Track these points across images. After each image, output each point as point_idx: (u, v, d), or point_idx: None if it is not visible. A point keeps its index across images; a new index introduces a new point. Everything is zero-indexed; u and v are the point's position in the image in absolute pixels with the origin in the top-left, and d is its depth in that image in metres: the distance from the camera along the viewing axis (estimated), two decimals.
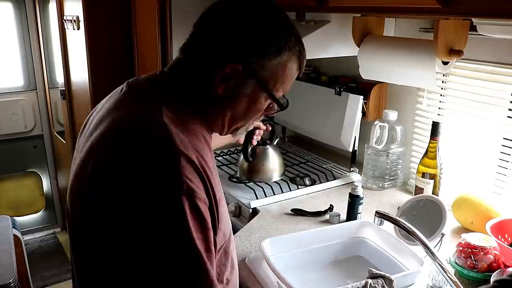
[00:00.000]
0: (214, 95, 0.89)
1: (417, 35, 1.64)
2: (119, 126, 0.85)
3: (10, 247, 1.66)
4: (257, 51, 0.86)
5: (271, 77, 0.89)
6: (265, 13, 0.88)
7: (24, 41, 3.40)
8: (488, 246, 1.21)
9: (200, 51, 0.90)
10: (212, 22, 0.90)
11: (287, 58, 0.88)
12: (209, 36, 0.89)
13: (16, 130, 3.50)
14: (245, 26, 0.86)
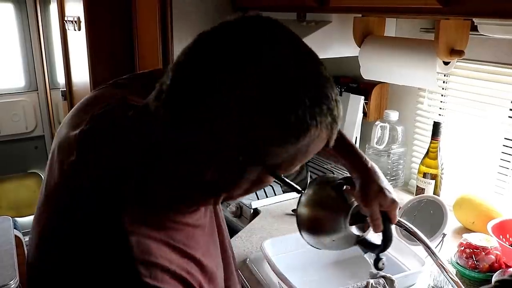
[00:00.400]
0: (201, 182, 0.64)
1: (418, 35, 1.64)
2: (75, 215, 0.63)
3: (12, 247, 1.66)
4: (269, 142, 0.58)
5: (286, 162, 0.62)
6: (284, 62, 0.58)
7: (25, 42, 3.41)
8: (489, 246, 1.21)
9: (186, 124, 0.60)
10: (201, 84, 0.58)
11: (311, 138, 0.59)
12: (198, 110, 0.58)
13: (17, 131, 3.51)
14: (252, 99, 0.56)
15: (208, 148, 0.59)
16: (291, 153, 0.60)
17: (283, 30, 0.61)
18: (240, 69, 0.56)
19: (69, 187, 0.65)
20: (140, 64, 2.30)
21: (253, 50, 0.57)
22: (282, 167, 0.63)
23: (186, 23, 1.96)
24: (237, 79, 0.56)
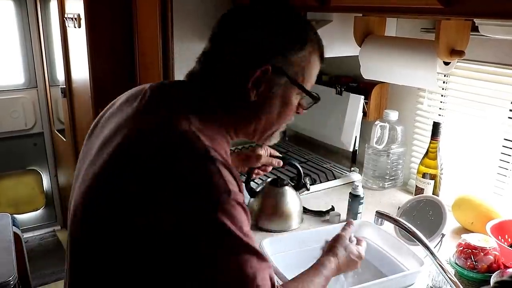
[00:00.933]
0: (246, 102, 0.88)
1: (418, 35, 1.64)
2: (147, 134, 0.83)
3: (10, 245, 1.66)
4: (283, 49, 0.87)
5: (299, 71, 0.89)
6: (283, 12, 0.90)
7: (25, 39, 3.40)
8: (488, 247, 1.21)
9: (225, 58, 0.89)
10: (234, 28, 0.90)
11: (310, 50, 0.89)
12: (233, 42, 0.89)
13: (16, 128, 3.50)
14: (268, 27, 0.87)
15: (243, 72, 0.86)
16: (301, 63, 0.88)
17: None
18: (256, 17, 0.89)
19: (145, 121, 0.85)
20: (140, 61, 2.29)
21: (265, 13, 0.90)
22: (299, 78, 0.89)
23: (186, 21, 1.96)
24: (258, 21, 0.89)
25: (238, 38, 0.88)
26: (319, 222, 1.53)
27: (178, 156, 0.77)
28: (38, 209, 3.71)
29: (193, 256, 0.73)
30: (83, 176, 0.88)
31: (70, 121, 2.93)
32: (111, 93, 2.43)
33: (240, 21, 0.90)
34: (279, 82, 0.88)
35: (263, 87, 0.87)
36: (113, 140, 0.85)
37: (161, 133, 0.81)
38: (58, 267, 3.21)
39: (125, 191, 0.77)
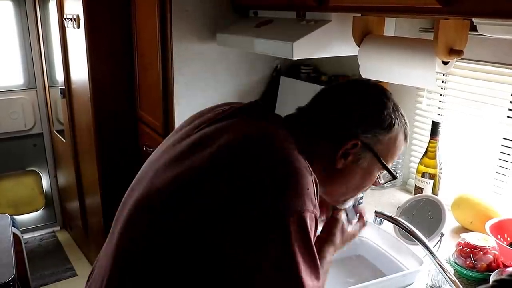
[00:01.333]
0: (333, 169, 0.94)
1: (417, 35, 1.64)
2: (250, 141, 0.88)
3: (10, 245, 1.66)
4: (374, 128, 0.94)
5: (385, 149, 0.96)
6: (377, 92, 0.98)
7: (24, 40, 3.40)
8: (487, 246, 1.21)
9: (323, 119, 0.96)
10: (335, 98, 0.98)
11: (397, 131, 0.96)
12: (333, 109, 0.96)
13: (16, 129, 3.50)
14: (363, 104, 0.95)
15: (336, 142, 0.92)
16: (387, 142, 0.95)
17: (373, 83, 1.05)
18: (354, 93, 0.98)
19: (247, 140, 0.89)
20: (139, 62, 2.30)
21: (362, 91, 0.99)
22: (383, 156, 0.95)
23: (185, 22, 1.96)
24: (356, 99, 0.97)
25: (337, 107, 0.96)
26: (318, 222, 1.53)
27: (279, 162, 0.83)
28: (38, 210, 3.71)
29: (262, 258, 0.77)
30: (170, 162, 0.91)
31: (70, 121, 2.93)
32: (110, 93, 2.46)
33: (343, 95, 0.99)
34: (365, 156, 0.94)
35: (350, 158, 0.93)
36: (213, 139, 0.90)
37: (265, 144, 0.87)
38: (58, 268, 3.21)
39: (220, 186, 0.81)
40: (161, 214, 0.84)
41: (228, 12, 2.04)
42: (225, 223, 0.78)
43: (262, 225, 0.77)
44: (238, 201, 0.79)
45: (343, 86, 1.02)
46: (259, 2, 1.87)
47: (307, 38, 1.55)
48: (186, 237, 0.80)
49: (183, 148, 0.93)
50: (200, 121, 0.99)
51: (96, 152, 2.45)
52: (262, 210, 0.77)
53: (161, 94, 2.06)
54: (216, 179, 0.82)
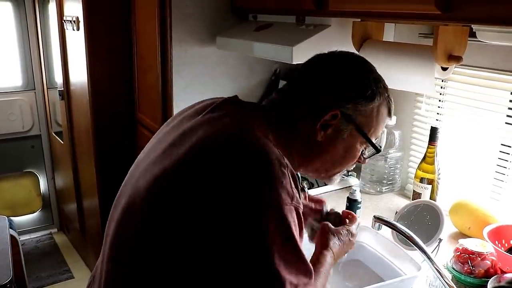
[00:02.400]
0: (313, 141, 0.94)
1: (416, 40, 1.65)
2: (223, 137, 0.87)
3: (7, 247, 1.66)
4: (354, 98, 0.93)
5: (367, 122, 0.95)
6: (358, 63, 0.98)
7: (23, 41, 3.40)
8: (485, 252, 1.21)
9: (301, 96, 0.96)
10: (314, 72, 0.98)
11: (379, 103, 0.95)
12: (311, 84, 0.96)
13: (14, 130, 3.49)
14: (344, 75, 0.95)
15: (315, 113, 0.92)
16: (369, 114, 0.94)
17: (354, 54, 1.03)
18: (334, 65, 0.97)
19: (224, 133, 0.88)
20: (138, 64, 2.30)
21: (343, 62, 0.98)
22: (365, 128, 0.94)
23: (185, 24, 1.96)
24: (335, 69, 0.96)
25: (316, 81, 0.96)
26: None
27: (252, 158, 0.82)
28: (35, 212, 3.70)
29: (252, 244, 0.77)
30: (152, 163, 0.92)
31: (68, 123, 2.93)
32: (109, 96, 2.46)
33: (322, 67, 0.98)
34: (346, 128, 0.93)
35: (330, 130, 0.93)
36: (190, 136, 0.90)
37: (237, 136, 0.86)
38: (55, 270, 3.19)
39: (196, 185, 0.81)
40: (147, 217, 0.85)
41: (228, 15, 2.04)
42: (205, 221, 0.78)
43: (239, 221, 0.77)
44: (215, 199, 0.78)
45: (323, 59, 1.00)
46: (258, 6, 1.87)
47: (307, 43, 1.55)
48: (171, 237, 0.81)
49: (164, 146, 0.93)
50: (183, 117, 1.00)
51: (94, 154, 2.45)
52: (238, 206, 0.77)
53: (160, 97, 2.06)
54: (193, 177, 0.82)
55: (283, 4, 1.67)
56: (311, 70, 0.99)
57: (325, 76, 0.95)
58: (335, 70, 0.96)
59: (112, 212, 0.99)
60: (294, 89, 0.99)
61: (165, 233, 0.81)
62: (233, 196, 0.78)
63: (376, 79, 0.97)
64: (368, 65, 0.98)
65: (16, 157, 3.57)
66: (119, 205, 0.95)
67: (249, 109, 0.96)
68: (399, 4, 1.20)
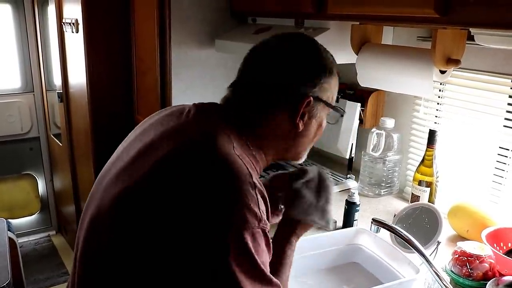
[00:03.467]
0: (291, 133, 0.96)
1: (415, 44, 1.65)
2: (189, 151, 0.86)
3: (5, 250, 1.65)
4: (319, 77, 0.94)
5: (330, 94, 0.98)
6: (309, 43, 0.98)
7: (22, 43, 3.40)
8: (483, 255, 1.21)
9: (264, 91, 0.94)
10: (270, 62, 0.95)
11: (335, 71, 0.98)
12: (272, 75, 0.94)
13: (12, 132, 3.49)
14: (300, 59, 0.94)
15: (286, 104, 0.92)
16: (329, 86, 0.96)
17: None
18: (290, 50, 0.95)
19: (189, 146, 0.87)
20: (137, 66, 2.30)
21: (297, 46, 0.96)
22: (329, 99, 0.97)
23: (184, 26, 1.97)
24: (290, 56, 0.94)
25: (276, 70, 0.94)
26: (315, 229, 1.53)
27: (219, 179, 0.80)
28: (33, 214, 3.69)
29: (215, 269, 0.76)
30: (116, 177, 0.91)
31: (67, 125, 2.93)
32: (108, 98, 2.46)
33: (274, 54, 0.96)
34: (318, 108, 0.96)
35: (306, 116, 0.95)
36: (156, 149, 0.89)
37: (204, 153, 0.84)
38: (53, 272, 3.19)
39: (160, 204, 0.80)
40: (113, 232, 0.85)
41: (227, 18, 2.04)
42: (169, 239, 0.77)
43: (202, 244, 0.76)
44: (180, 220, 0.77)
45: (273, 46, 0.98)
46: (257, 9, 1.87)
47: None
48: (135, 254, 0.80)
49: (129, 158, 0.92)
50: (151, 124, 0.99)
51: (93, 157, 2.45)
52: (203, 230, 0.76)
53: (159, 99, 2.06)
54: (157, 197, 0.81)
55: (282, 7, 1.67)
56: (265, 61, 0.96)
57: (284, 64, 0.94)
58: (289, 57, 0.94)
59: (82, 218, 0.98)
60: (253, 84, 0.96)
61: (129, 248, 0.81)
62: (198, 219, 0.77)
63: (325, 51, 0.98)
64: (315, 42, 0.99)
65: (15, 159, 3.57)
66: (88, 213, 0.95)
67: (214, 118, 0.93)
68: (398, 8, 1.21)
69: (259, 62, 0.97)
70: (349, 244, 1.40)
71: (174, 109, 1.01)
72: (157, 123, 0.97)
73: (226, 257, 0.75)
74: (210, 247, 0.76)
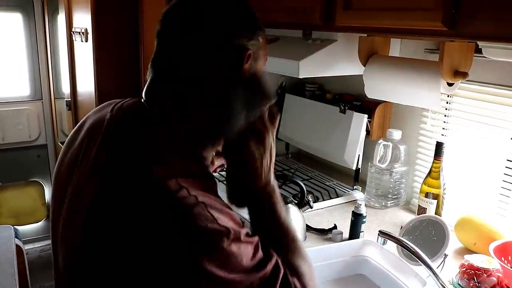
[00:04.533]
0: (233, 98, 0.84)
1: (422, 56, 1.66)
2: (125, 183, 0.77)
3: (12, 257, 1.66)
4: (255, 30, 0.88)
5: (264, 53, 0.91)
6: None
7: (32, 51, 3.44)
8: (491, 268, 1.21)
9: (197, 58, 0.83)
10: (202, 17, 0.83)
11: (262, 35, 0.91)
12: (206, 39, 0.82)
13: (20, 139, 3.52)
14: (232, 13, 0.86)
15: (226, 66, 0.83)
16: (258, 45, 0.87)
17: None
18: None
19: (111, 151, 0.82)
20: (146, 75, 2.31)
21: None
22: (258, 58, 0.88)
23: None
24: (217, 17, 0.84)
25: (210, 34, 0.83)
26: (321, 240, 1.53)
27: (164, 210, 0.73)
28: (40, 221, 3.71)
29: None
30: (66, 216, 0.86)
31: None
32: None
33: (202, 10, 0.84)
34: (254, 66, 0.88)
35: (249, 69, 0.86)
36: (94, 176, 0.82)
37: (141, 184, 0.76)
38: None
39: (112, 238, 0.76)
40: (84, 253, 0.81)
41: None
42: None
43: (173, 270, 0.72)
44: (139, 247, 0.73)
45: (190, 9, 0.84)
46: (265, 20, 1.88)
47: (313, 57, 1.57)
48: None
49: (75, 183, 0.86)
50: (88, 132, 0.92)
51: None
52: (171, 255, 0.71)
53: None
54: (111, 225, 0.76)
55: (290, 19, 1.68)
56: (193, 18, 0.83)
57: (216, 25, 0.83)
58: (222, 14, 0.84)
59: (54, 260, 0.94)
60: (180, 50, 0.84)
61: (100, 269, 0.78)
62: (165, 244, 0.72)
63: (253, 9, 0.90)
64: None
65: (22, 166, 3.60)
66: (57, 260, 0.91)
67: (144, 129, 0.84)
68: (406, 20, 1.21)
69: (189, 19, 0.83)
70: (355, 255, 1.40)
71: (94, 122, 0.93)
72: (94, 132, 0.89)
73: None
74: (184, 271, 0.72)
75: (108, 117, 0.89)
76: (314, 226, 1.59)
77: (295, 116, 2.20)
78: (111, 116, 0.89)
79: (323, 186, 1.95)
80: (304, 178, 2.05)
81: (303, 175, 2.10)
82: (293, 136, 2.23)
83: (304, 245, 1.48)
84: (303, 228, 1.51)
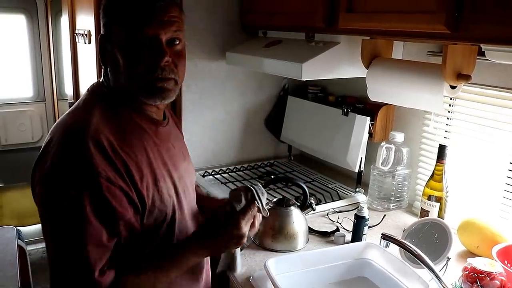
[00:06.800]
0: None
1: (425, 59, 1.66)
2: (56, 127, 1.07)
3: (15, 258, 1.67)
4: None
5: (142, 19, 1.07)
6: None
7: (35, 53, 3.45)
8: (494, 272, 1.20)
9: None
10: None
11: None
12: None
13: (23, 140, 3.54)
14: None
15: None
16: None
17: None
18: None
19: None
20: None
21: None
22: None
23: (196, 38, 1.99)
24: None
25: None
26: (324, 243, 1.53)
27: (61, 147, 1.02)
28: None
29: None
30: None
31: None
32: None
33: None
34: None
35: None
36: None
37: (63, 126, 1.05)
38: None
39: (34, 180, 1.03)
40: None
41: (238, 32, 2.07)
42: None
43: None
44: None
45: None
46: (268, 22, 1.89)
47: (316, 60, 1.57)
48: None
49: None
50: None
51: None
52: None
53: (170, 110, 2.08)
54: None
55: (293, 21, 1.69)
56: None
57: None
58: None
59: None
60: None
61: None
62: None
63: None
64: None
65: (25, 167, 3.57)
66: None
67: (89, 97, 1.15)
68: (409, 23, 1.22)
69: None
70: (358, 258, 1.39)
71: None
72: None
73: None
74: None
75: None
76: (316, 228, 1.59)
77: (298, 119, 2.20)
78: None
79: (326, 189, 1.95)
80: (307, 180, 2.05)
81: (305, 178, 2.10)
82: (296, 138, 2.23)
83: (306, 247, 1.49)
84: (306, 231, 1.51)
